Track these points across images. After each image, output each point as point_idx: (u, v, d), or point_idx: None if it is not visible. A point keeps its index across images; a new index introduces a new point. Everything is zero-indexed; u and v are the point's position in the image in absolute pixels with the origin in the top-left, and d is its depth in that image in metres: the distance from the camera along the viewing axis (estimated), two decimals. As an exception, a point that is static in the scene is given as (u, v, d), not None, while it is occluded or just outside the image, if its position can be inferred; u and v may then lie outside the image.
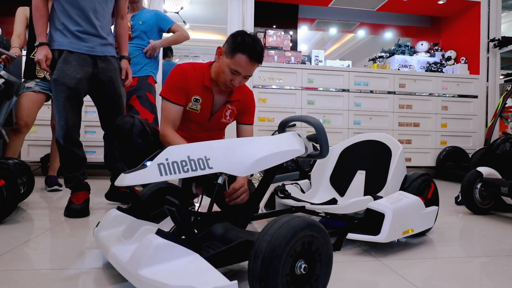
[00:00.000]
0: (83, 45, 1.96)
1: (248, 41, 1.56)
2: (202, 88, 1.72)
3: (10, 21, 4.93)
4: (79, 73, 1.93)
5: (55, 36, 1.94)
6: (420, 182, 1.70)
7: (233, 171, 1.18)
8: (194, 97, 1.72)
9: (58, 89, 1.91)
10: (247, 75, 1.63)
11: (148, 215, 1.29)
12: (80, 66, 1.94)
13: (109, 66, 2.05)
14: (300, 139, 1.46)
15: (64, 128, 1.94)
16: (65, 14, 1.93)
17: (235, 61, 1.57)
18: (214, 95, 1.75)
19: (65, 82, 1.90)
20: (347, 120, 4.17)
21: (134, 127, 1.68)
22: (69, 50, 1.93)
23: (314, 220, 0.94)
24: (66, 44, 1.93)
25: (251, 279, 0.85)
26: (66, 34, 1.93)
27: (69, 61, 1.92)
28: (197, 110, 1.75)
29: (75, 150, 2.01)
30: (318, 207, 1.69)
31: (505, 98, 3.76)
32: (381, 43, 6.16)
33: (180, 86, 1.68)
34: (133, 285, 0.92)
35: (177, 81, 1.69)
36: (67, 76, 1.90)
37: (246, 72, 1.61)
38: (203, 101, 1.74)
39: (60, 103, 1.92)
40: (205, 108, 1.75)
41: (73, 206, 1.98)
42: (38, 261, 1.29)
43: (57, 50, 1.93)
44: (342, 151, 1.98)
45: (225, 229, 1.14)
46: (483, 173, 2.27)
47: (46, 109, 3.68)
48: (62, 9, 1.93)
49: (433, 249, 1.55)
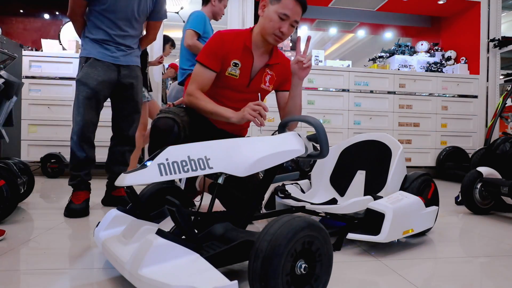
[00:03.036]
0: (108, 55, 2.08)
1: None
2: (242, 51, 1.70)
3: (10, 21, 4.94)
4: (101, 77, 2.04)
5: (85, 46, 2.08)
6: (420, 182, 1.69)
7: (233, 171, 1.18)
8: (233, 61, 1.69)
9: (80, 88, 2.02)
10: (295, 19, 1.63)
11: (148, 215, 1.29)
12: (104, 71, 2.06)
13: (131, 73, 2.18)
14: (300, 139, 1.46)
15: (79, 124, 2.01)
16: (96, 31, 2.06)
17: (283, 4, 1.59)
18: (254, 58, 1.73)
19: (87, 82, 2.01)
20: (347, 120, 4.17)
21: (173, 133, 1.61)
22: (96, 58, 2.05)
23: (315, 220, 0.94)
24: (94, 53, 2.05)
25: (251, 279, 0.85)
26: (95, 45, 2.06)
27: (94, 66, 2.04)
28: (236, 76, 1.72)
29: (86, 148, 2.05)
30: (318, 207, 1.69)
31: (505, 98, 3.76)
32: (381, 43, 6.16)
33: (216, 52, 1.67)
34: (134, 285, 0.92)
35: (214, 46, 1.67)
36: (90, 78, 2.02)
37: (294, 15, 1.62)
38: (242, 66, 1.71)
39: (79, 100, 2.02)
40: (244, 73, 1.73)
41: (72, 206, 1.98)
42: (38, 261, 1.28)
43: (85, 57, 2.06)
44: (342, 151, 1.98)
45: (225, 229, 1.14)
46: (483, 173, 2.27)
47: (46, 109, 3.69)
48: (94, 27, 2.06)
49: (433, 249, 1.55)
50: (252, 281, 0.85)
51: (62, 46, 4.09)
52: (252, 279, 0.85)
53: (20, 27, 4.84)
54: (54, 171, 3.59)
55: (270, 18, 1.62)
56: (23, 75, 3.66)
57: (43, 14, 4.95)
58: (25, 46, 4.12)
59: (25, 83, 3.52)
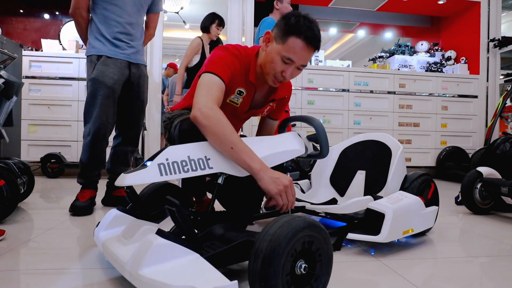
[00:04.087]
0: (119, 52, 2.09)
1: (304, 22, 1.30)
2: (245, 81, 1.46)
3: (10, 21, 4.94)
4: (116, 75, 2.06)
5: (94, 44, 2.07)
6: (420, 182, 1.69)
7: (233, 171, 1.18)
8: (239, 89, 1.45)
9: (97, 87, 2.02)
10: (302, 64, 1.35)
11: (148, 215, 1.29)
12: (118, 68, 2.07)
13: (139, 72, 2.21)
14: (300, 139, 1.46)
15: (96, 123, 2.02)
16: (104, 24, 2.06)
17: (288, 47, 1.30)
18: (256, 90, 1.51)
19: (104, 81, 2.02)
20: (347, 120, 4.17)
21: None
22: (107, 55, 2.06)
23: (315, 220, 0.94)
24: (105, 51, 2.06)
25: (251, 279, 0.85)
26: (105, 42, 2.07)
27: (107, 63, 2.05)
28: (237, 104, 1.49)
29: (101, 149, 2.08)
30: (318, 207, 1.69)
31: (505, 98, 3.76)
32: (381, 43, 6.16)
33: (230, 68, 1.37)
34: (134, 285, 0.92)
35: (230, 63, 1.37)
36: (106, 76, 2.03)
37: (301, 60, 1.33)
38: (246, 95, 1.48)
39: (98, 99, 2.02)
40: (245, 102, 1.51)
41: (77, 203, 2.00)
42: (38, 261, 1.28)
43: (96, 55, 2.06)
44: (342, 151, 1.98)
45: (225, 229, 1.14)
46: (483, 173, 2.27)
47: (46, 109, 3.69)
48: (101, 20, 2.06)
49: (433, 249, 1.55)
50: (252, 281, 0.85)
51: (62, 46, 4.10)
52: (252, 279, 0.85)
53: (20, 27, 4.83)
54: (54, 171, 3.59)
55: (272, 59, 1.34)
56: (23, 75, 3.66)
57: (43, 14, 4.95)
58: (25, 46, 4.12)
59: (25, 83, 3.52)
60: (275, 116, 1.71)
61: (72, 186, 3.15)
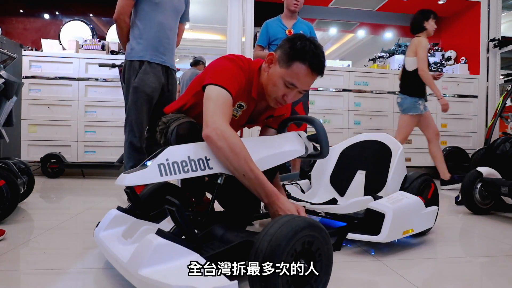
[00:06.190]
0: (159, 56, 2.24)
1: (310, 47, 1.26)
2: (247, 95, 1.42)
3: (10, 21, 4.94)
4: (155, 83, 2.22)
5: (136, 47, 2.21)
6: (420, 182, 1.70)
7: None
8: (240, 102, 1.42)
9: (138, 95, 2.19)
10: (304, 89, 1.33)
11: (148, 215, 1.29)
12: (156, 77, 2.23)
13: (173, 80, 2.39)
14: (300, 139, 1.46)
15: (139, 129, 2.20)
16: (147, 29, 2.19)
17: (292, 72, 1.27)
18: (256, 105, 1.48)
19: (144, 90, 2.19)
20: (347, 120, 4.17)
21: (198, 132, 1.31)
22: (149, 61, 2.20)
23: (315, 220, 0.94)
24: (146, 55, 2.20)
25: (252, 279, 0.85)
26: (146, 46, 2.20)
27: (148, 72, 2.21)
28: (235, 117, 1.45)
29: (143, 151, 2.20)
30: (318, 207, 1.69)
31: (505, 98, 3.76)
32: (381, 43, 6.15)
33: (237, 80, 1.32)
34: (134, 285, 0.92)
35: (238, 77, 1.32)
36: (146, 85, 2.19)
37: (304, 86, 1.31)
38: (246, 108, 1.45)
39: (138, 107, 2.20)
40: (244, 115, 1.49)
41: None
42: (38, 261, 1.28)
43: (138, 61, 2.20)
44: (342, 151, 1.98)
45: (225, 229, 1.14)
46: (483, 173, 2.27)
47: (46, 109, 3.69)
48: (145, 24, 2.19)
49: (433, 249, 1.55)
50: (252, 281, 0.85)
51: (62, 46, 4.10)
52: (252, 279, 0.85)
53: (20, 27, 4.83)
54: (54, 171, 3.59)
55: (275, 83, 1.31)
56: (23, 75, 3.66)
57: (43, 14, 4.95)
58: (25, 46, 4.12)
59: (25, 83, 3.53)
60: (274, 124, 1.66)
61: (72, 186, 3.15)
